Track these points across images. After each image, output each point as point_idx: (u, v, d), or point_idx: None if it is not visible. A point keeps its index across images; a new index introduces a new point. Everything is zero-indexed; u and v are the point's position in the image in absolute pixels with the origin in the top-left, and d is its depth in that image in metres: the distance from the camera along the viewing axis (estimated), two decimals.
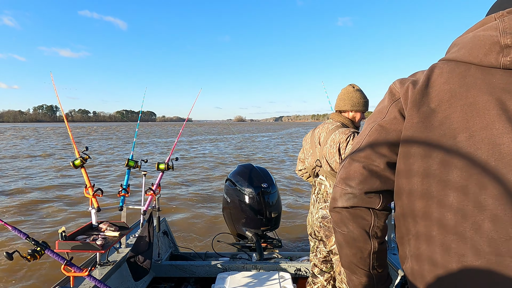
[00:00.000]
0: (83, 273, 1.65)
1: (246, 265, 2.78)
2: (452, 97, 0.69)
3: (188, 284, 2.89)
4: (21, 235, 1.58)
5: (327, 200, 2.06)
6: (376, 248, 0.83)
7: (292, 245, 4.86)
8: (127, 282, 2.39)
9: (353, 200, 0.79)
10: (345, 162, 0.84)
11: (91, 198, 2.32)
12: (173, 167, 2.76)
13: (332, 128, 2.04)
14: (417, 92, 0.74)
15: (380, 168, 0.78)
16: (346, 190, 0.80)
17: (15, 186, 9.39)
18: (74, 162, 2.29)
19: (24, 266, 4.27)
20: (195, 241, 5.09)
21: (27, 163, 14.57)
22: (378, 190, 0.79)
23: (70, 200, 7.84)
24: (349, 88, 2.12)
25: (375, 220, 0.81)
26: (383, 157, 0.78)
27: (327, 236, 2.06)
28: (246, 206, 3.10)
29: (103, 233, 2.26)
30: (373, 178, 0.79)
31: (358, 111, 2.10)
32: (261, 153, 18.90)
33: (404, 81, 0.80)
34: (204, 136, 37.12)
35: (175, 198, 7.84)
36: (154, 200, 2.73)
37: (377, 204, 0.80)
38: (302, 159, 2.37)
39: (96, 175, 11.47)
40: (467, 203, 0.64)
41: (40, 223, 6.19)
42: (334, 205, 0.84)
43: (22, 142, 28.41)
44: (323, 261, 2.22)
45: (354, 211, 0.80)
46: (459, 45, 0.75)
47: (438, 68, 0.76)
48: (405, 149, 0.74)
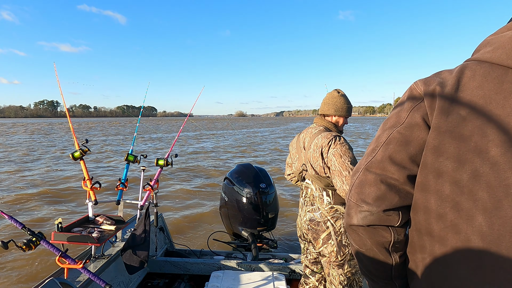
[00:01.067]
0: (77, 265, 1.66)
1: (241, 264, 2.78)
2: (487, 105, 0.60)
3: (182, 281, 2.89)
4: (17, 224, 1.58)
5: (314, 203, 2.10)
6: (398, 261, 0.77)
7: (287, 246, 4.86)
8: (121, 276, 2.39)
9: (369, 218, 0.71)
10: (360, 172, 0.74)
11: (89, 190, 2.32)
12: (172, 164, 2.76)
13: (315, 133, 2.10)
14: (446, 96, 0.65)
15: (400, 182, 0.70)
16: (361, 207, 0.72)
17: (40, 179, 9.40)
18: (74, 154, 2.29)
19: (19, 256, 4.27)
20: (190, 238, 5.09)
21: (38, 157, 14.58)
22: (397, 207, 0.71)
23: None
24: (334, 93, 2.18)
25: (394, 236, 0.73)
26: (403, 169, 0.69)
27: (315, 238, 2.10)
28: (243, 205, 3.10)
29: (99, 226, 2.26)
30: (391, 194, 0.70)
31: (341, 116, 2.16)
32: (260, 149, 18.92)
33: (429, 82, 0.70)
34: (202, 131, 37.13)
35: (172, 195, 7.84)
36: (152, 195, 2.73)
37: (396, 222, 0.72)
38: (290, 164, 2.43)
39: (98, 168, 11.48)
40: (498, 228, 0.56)
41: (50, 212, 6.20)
42: (350, 223, 0.75)
43: (38, 137, 28.58)
44: (313, 263, 2.25)
45: (372, 229, 0.73)
46: (495, 44, 0.65)
47: (469, 69, 0.66)
48: (429, 159, 0.66)
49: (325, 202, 2.05)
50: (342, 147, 1.96)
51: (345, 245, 2.01)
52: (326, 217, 2.04)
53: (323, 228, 2.05)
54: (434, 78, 0.70)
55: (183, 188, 8.53)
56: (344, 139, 2.02)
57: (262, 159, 14.21)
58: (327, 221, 2.04)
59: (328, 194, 2.04)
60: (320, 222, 2.06)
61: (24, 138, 26.40)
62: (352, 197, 0.75)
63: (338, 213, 2.03)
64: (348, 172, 1.92)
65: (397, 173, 0.70)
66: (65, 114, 2.67)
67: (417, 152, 0.68)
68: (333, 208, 2.03)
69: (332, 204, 2.03)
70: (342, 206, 2.02)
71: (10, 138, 26.40)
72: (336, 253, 2.02)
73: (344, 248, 2.01)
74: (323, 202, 2.05)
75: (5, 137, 27.73)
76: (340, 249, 2.01)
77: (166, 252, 3.23)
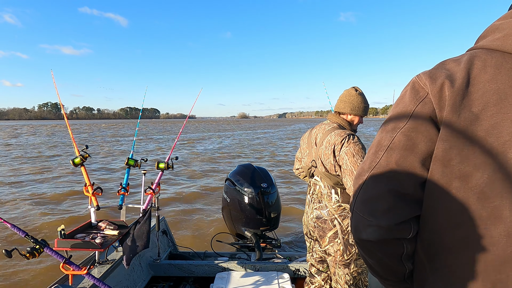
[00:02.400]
0: (82, 271, 1.65)
1: (245, 265, 2.78)
2: (501, 101, 0.55)
3: (186, 284, 2.89)
4: (20, 232, 1.58)
5: (322, 201, 2.08)
6: (411, 268, 0.71)
7: (291, 245, 4.86)
8: (125, 281, 2.39)
9: (379, 233, 0.65)
10: (364, 182, 0.67)
11: (91, 196, 2.32)
12: (173, 166, 2.76)
13: (329, 130, 2.06)
14: (456, 92, 0.58)
15: (410, 190, 0.63)
16: (370, 221, 0.65)
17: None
18: (74, 160, 2.29)
19: (23, 264, 4.27)
20: (194, 241, 5.09)
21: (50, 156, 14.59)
22: (408, 218, 0.64)
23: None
24: (351, 91, 2.13)
25: (406, 248, 0.67)
26: (413, 176, 0.62)
27: (321, 236, 2.07)
28: (245, 206, 3.10)
29: (102, 232, 2.26)
30: (401, 205, 0.63)
31: (357, 115, 2.11)
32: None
33: (435, 76, 0.62)
34: (207, 134, 37.13)
35: (174, 197, 7.84)
36: (154, 199, 2.73)
37: (408, 234, 0.66)
38: (299, 158, 2.38)
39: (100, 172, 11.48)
40: None
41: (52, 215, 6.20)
42: (359, 236, 0.69)
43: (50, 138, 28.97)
44: (319, 261, 2.22)
45: (382, 243, 0.67)
46: (506, 30, 0.58)
47: (479, 59, 0.59)
48: (440, 163, 0.60)
49: (333, 200, 2.02)
50: (355, 146, 1.92)
51: (352, 244, 1.98)
52: (333, 215, 2.01)
53: (330, 226, 2.02)
54: (440, 70, 0.63)
55: (184, 190, 8.53)
56: (358, 138, 1.98)
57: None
58: (334, 219, 2.01)
59: (337, 192, 2.01)
60: (327, 220, 2.03)
61: (41, 139, 26.85)
62: (357, 208, 0.68)
63: (346, 212, 1.99)
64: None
65: (406, 181, 0.62)
66: (68, 116, 2.66)
67: (426, 155, 0.61)
68: (341, 207, 2.00)
69: (340, 202, 2.00)
70: None
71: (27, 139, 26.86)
72: (342, 252, 1.99)
73: (351, 247, 1.98)
74: (331, 200, 2.03)
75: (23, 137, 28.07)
76: (347, 248, 1.98)
77: (170, 255, 3.23)
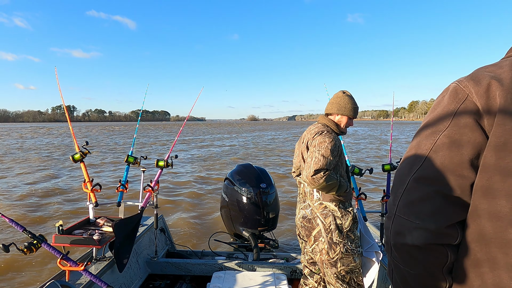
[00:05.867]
0: (79, 267, 1.65)
1: (242, 265, 2.78)
2: None
3: (183, 282, 2.89)
4: (18, 227, 1.58)
5: (306, 200, 2.11)
6: (451, 283, 0.67)
7: (289, 246, 4.86)
8: (122, 278, 2.39)
9: (426, 236, 0.62)
10: (407, 184, 0.66)
11: (89, 193, 2.32)
12: (172, 165, 2.76)
13: (314, 130, 2.10)
14: (507, 90, 0.58)
15: (458, 193, 0.62)
16: (416, 224, 0.63)
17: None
18: (74, 156, 2.29)
19: (20, 259, 4.27)
20: (192, 239, 5.09)
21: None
22: (454, 222, 0.63)
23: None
24: (339, 93, 2.18)
25: (451, 257, 0.64)
26: (461, 178, 0.61)
27: (307, 235, 2.08)
28: (244, 205, 3.10)
29: (100, 228, 2.26)
30: (450, 207, 0.62)
31: (344, 115, 2.13)
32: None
33: (478, 78, 0.63)
34: (207, 136, 37.14)
35: (173, 196, 7.83)
36: (152, 197, 2.72)
37: (455, 239, 0.63)
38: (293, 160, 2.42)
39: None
40: None
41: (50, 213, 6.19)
42: (402, 241, 0.66)
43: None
44: (311, 262, 2.23)
45: (428, 249, 0.64)
46: None
47: None
48: (492, 161, 0.59)
49: (315, 198, 2.04)
50: (325, 138, 1.93)
51: (336, 243, 1.97)
52: (315, 214, 2.02)
53: (314, 225, 2.03)
54: (482, 73, 0.63)
55: (183, 188, 8.53)
56: (334, 137, 1.97)
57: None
58: (316, 217, 2.02)
59: (318, 190, 2.02)
60: (311, 219, 2.05)
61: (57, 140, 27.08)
62: (400, 212, 0.66)
63: (327, 210, 2.00)
64: (311, 159, 1.88)
65: (454, 182, 0.62)
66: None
67: (472, 155, 0.61)
68: (322, 205, 2.01)
69: (321, 200, 2.01)
70: (332, 203, 1.99)
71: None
72: (327, 250, 1.98)
73: (335, 246, 1.97)
74: (313, 198, 2.04)
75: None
76: (331, 247, 1.97)
77: (167, 253, 3.23)
